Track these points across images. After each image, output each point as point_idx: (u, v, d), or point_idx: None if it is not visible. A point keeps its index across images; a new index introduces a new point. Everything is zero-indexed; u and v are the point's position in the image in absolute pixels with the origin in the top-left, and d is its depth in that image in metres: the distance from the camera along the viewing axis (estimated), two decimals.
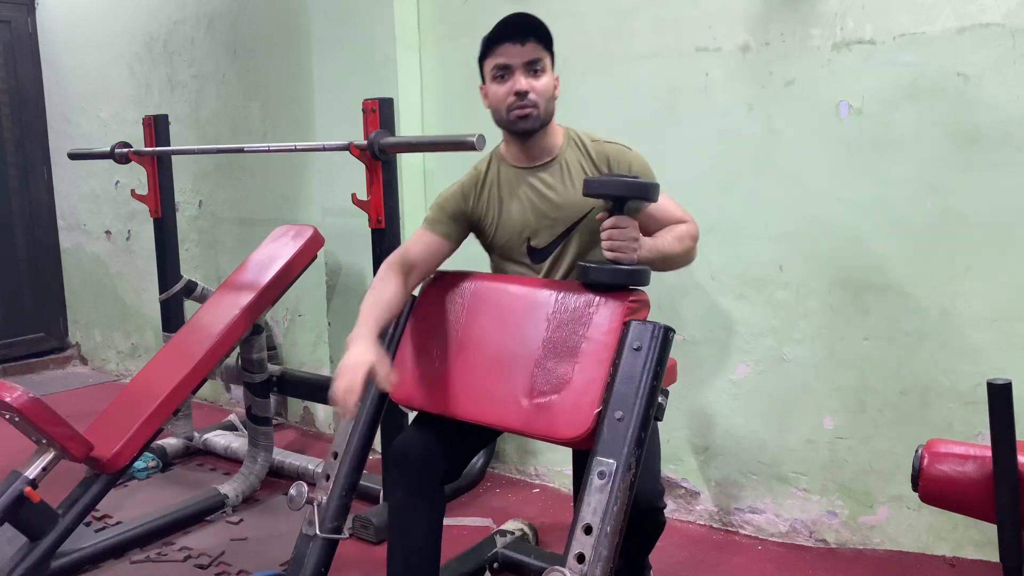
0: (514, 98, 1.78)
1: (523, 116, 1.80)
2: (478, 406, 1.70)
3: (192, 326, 2.76)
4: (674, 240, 1.80)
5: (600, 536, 1.41)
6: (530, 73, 1.79)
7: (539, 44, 1.79)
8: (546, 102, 1.81)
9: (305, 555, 1.76)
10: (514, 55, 1.77)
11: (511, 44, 1.77)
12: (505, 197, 1.89)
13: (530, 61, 1.78)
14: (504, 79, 1.79)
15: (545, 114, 1.82)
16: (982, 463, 1.34)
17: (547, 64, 1.83)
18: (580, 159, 1.86)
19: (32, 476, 2.20)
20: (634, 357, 1.54)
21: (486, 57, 1.82)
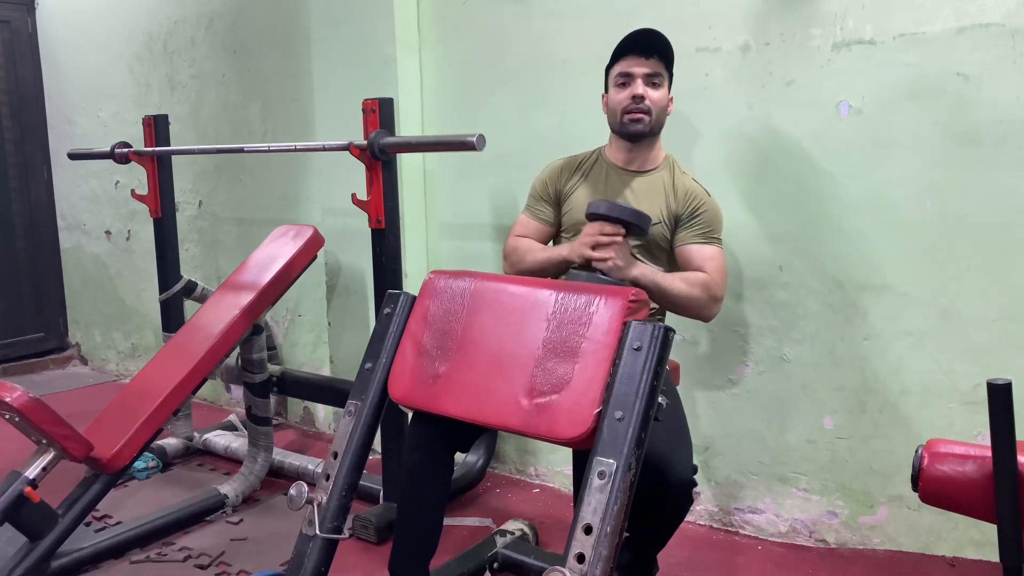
0: (630, 102, 1.98)
1: (635, 119, 2.00)
2: (478, 406, 1.70)
3: (192, 326, 2.76)
4: (679, 281, 1.92)
5: (600, 536, 1.41)
6: (649, 84, 1.99)
7: (661, 61, 2.00)
8: (658, 112, 2.01)
9: (305, 555, 1.76)
10: (638, 66, 1.99)
11: (637, 56, 1.99)
12: (591, 183, 2.10)
13: (651, 73, 1.99)
14: (625, 86, 2.00)
15: (655, 123, 2.02)
16: (982, 463, 1.34)
17: (665, 80, 2.02)
18: (666, 181, 2.06)
19: (32, 476, 2.20)
20: (634, 357, 1.53)
21: (612, 65, 2.04)
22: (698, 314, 1.96)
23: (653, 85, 2.00)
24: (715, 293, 1.94)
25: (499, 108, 2.88)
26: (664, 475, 1.70)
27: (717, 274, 1.96)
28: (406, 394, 1.82)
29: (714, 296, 1.94)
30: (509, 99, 2.88)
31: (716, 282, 1.95)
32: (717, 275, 1.96)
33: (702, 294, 1.92)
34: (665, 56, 2.00)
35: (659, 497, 1.73)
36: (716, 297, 1.95)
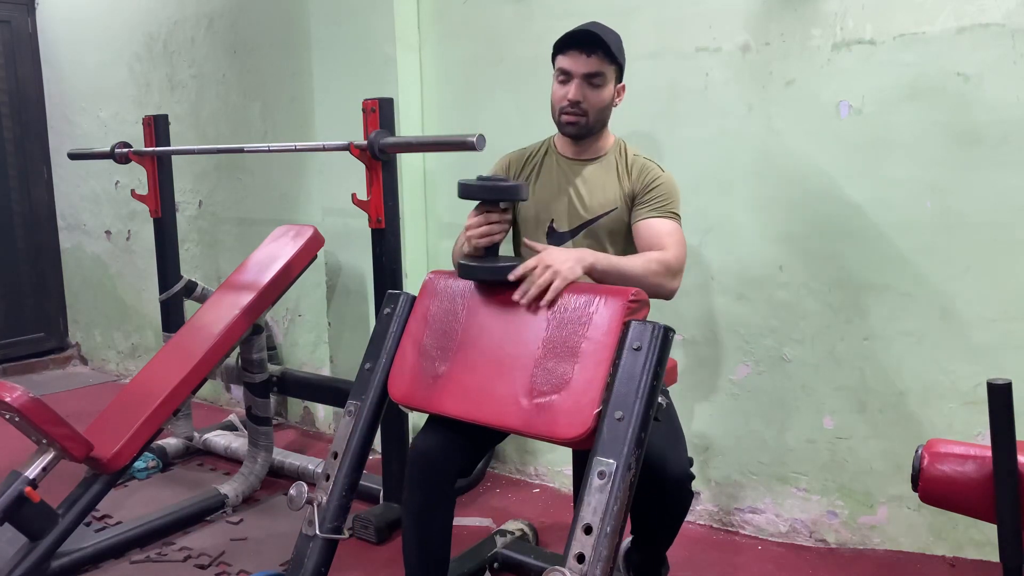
0: (567, 103, 1.92)
1: (571, 123, 1.94)
2: (478, 406, 1.70)
3: (192, 326, 2.76)
4: (637, 260, 1.83)
5: (600, 536, 1.41)
6: (588, 84, 1.91)
7: (604, 58, 1.91)
8: (597, 112, 1.94)
9: (305, 555, 1.76)
10: (578, 64, 1.91)
11: (578, 52, 1.90)
12: (543, 177, 2.04)
13: (591, 73, 1.91)
14: (564, 83, 1.93)
15: (594, 123, 1.96)
16: (982, 463, 1.34)
17: (608, 77, 1.94)
18: (618, 164, 1.99)
19: (32, 476, 2.20)
20: (634, 357, 1.53)
21: (556, 55, 1.96)
22: (658, 291, 1.85)
23: (593, 85, 1.92)
24: (674, 267, 1.86)
25: (499, 108, 2.88)
26: (661, 473, 1.70)
27: (675, 248, 1.88)
28: (406, 394, 1.82)
29: (673, 271, 1.85)
30: (509, 99, 2.87)
31: (675, 256, 1.86)
32: (675, 249, 1.88)
33: (660, 269, 1.83)
34: (609, 52, 1.91)
35: (658, 495, 1.74)
36: (675, 271, 1.86)
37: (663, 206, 1.93)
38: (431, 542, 1.81)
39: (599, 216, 1.97)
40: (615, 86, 1.97)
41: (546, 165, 2.06)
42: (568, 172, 2.02)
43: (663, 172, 1.97)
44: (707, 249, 2.52)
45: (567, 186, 2.01)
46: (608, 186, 1.98)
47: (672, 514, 1.83)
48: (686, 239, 1.93)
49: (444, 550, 1.84)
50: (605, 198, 1.97)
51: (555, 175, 2.03)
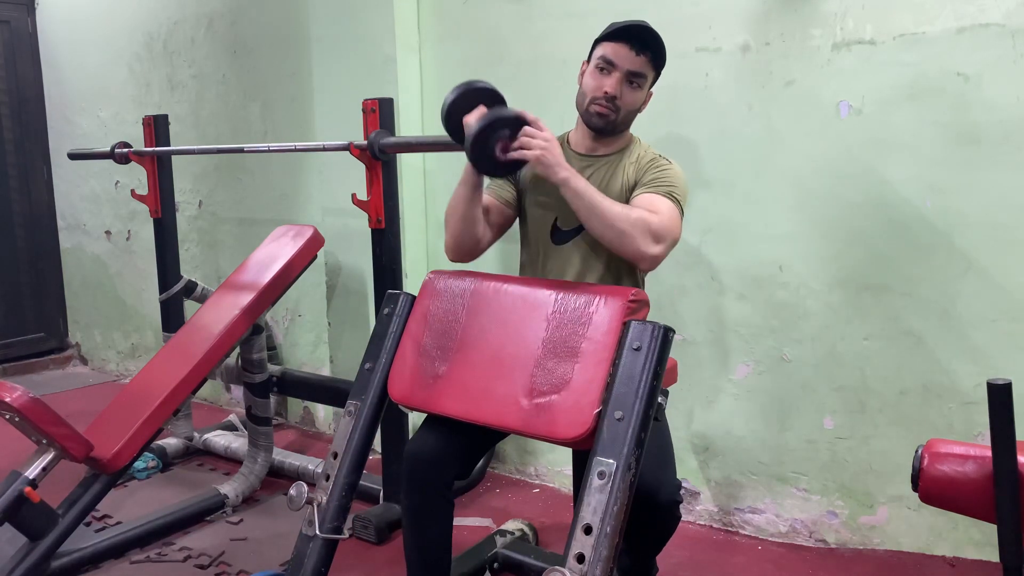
0: (602, 95, 1.85)
1: (601, 115, 1.87)
2: (477, 406, 1.70)
3: (192, 326, 2.76)
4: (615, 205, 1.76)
5: (600, 536, 1.41)
6: (628, 82, 1.85)
7: (651, 61, 1.86)
8: (627, 113, 1.89)
9: (305, 555, 1.76)
10: (624, 59, 1.84)
11: (628, 48, 1.83)
12: None
13: (635, 72, 1.85)
14: (605, 73, 1.85)
15: (621, 123, 1.90)
16: (982, 463, 1.34)
17: (648, 81, 1.89)
18: (629, 158, 1.94)
19: (32, 476, 2.20)
20: (634, 357, 1.53)
21: (602, 42, 1.88)
22: (631, 247, 1.73)
23: (632, 85, 1.85)
24: (655, 230, 1.74)
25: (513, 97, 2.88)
26: (653, 498, 1.68)
27: (664, 217, 1.76)
28: (406, 394, 1.82)
29: (653, 232, 1.73)
30: (509, 99, 2.86)
31: (661, 223, 1.75)
32: (664, 218, 1.76)
33: (639, 224, 1.73)
34: (657, 56, 1.87)
35: (647, 518, 1.71)
36: (655, 235, 1.73)
37: (662, 186, 1.83)
38: (429, 546, 1.80)
39: None
40: (648, 90, 1.92)
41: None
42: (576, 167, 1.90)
43: (671, 164, 1.90)
44: (707, 249, 2.52)
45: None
46: (613, 183, 1.91)
47: (659, 535, 1.83)
48: (688, 239, 1.91)
49: (444, 553, 1.83)
50: (611, 192, 1.88)
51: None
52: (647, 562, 1.98)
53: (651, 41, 1.85)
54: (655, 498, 1.69)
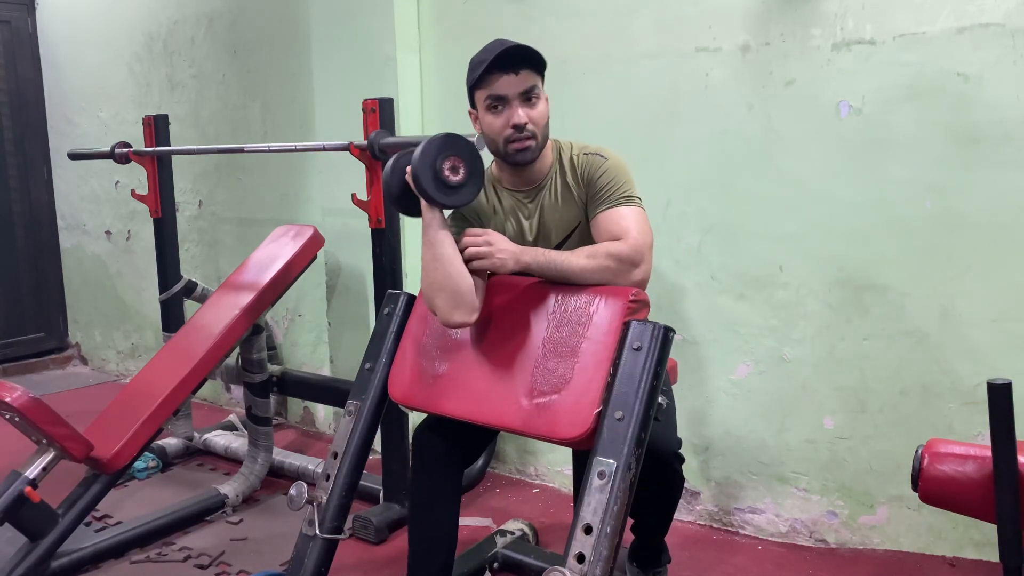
0: (512, 131, 1.75)
1: (522, 149, 1.77)
2: (478, 406, 1.70)
3: (192, 326, 2.76)
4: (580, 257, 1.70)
5: (600, 536, 1.41)
6: (526, 102, 1.76)
7: (533, 71, 1.75)
8: (543, 130, 1.79)
9: (305, 555, 1.77)
10: (509, 86, 1.74)
11: (505, 75, 1.73)
12: (507, 221, 1.89)
13: (526, 91, 1.74)
14: (500, 110, 1.76)
15: (543, 141, 1.81)
16: (982, 463, 1.34)
17: (542, 90, 1.79)
18: (566, 178, 1.85)
19: (32, 476, 2.20)
20: (634, 357, 1.54)
21: (479, 87, 1.78)
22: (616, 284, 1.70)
23: (530, 102, 1.75)
24: (631, 257, 1.68)
25: None
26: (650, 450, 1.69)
27: (630, 234, 1.70)
28: (406, 394, 1.82)
29: (631, 261, 1.68)
30: None
31: (631, 245, 1.69)
32: (631, 237, 1.70)
33: (611, 263, 1.68)
34: (533, 63, 1.75)
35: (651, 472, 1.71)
36: (633, 261, 1.68)
37: (612, 194, 1.77)
38: (435, 528, 1.81)
39: (563, 240, 1.86)
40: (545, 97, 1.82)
41: (504, 205, 1.90)
42: (520, 208, 1.88)
43: (606, 159, 1.80)
44: (707, 249, 2.52)
45: (524, 223, 1.87)
46: (564, 206, 1.84)
47: (663, 493, 1.84)
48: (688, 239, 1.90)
49: (448, 537, 1.83)
50: (564, 222, 1.84)
51: (511, 214, 1.89)
52: (657, 543, 1.99)
53: (523, 55, 1.74)
54: (655, 449, 1.69)
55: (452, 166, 1.72)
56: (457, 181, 1.73)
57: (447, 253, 1.74)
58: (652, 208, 2.56)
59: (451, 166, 1.72)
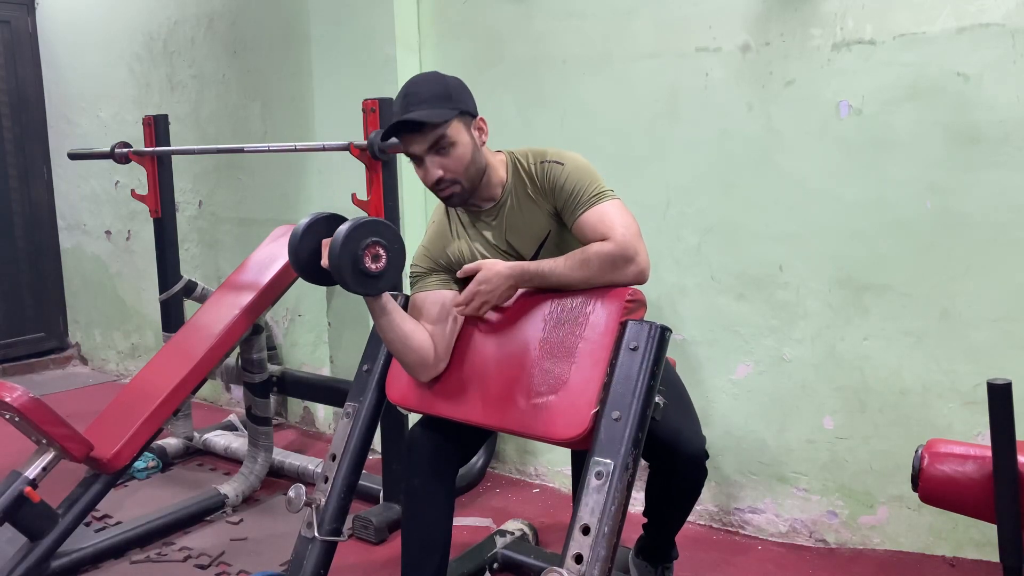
0: (432, 184, 1.76)
1: (451, 195, 1.78)
2: (475, 407, 1.70)
3: (192, 326, 2.76)
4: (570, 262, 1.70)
5: (598, 537, 1.41)
6: (438, 154, 1.74)
7: (437, 126, 1.71)
8: (466, 169, 1.76)
9: (304, 557, 1.77)
10: (415, 145, 1.73)
11: (410, 135, 1.73)
12: (474, 242, 1.87)
13: (432, 144, 1.73)
14: (418, 164, 1.77)
15: (471, 180, 1.78)
16: (982, 463, 1.34)
17: (457, 132, 1.74)
18: (527, 190, 1.83)
19: (32, 476, 2.20)
20: (631, 357, 1.54)
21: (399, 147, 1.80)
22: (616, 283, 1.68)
23: (443, 152, 1.73)
24: (621, 255, 1.66)
25: (499, 108, 2.88)
26: (675, 449, 1.71)
27: (614, 230, 1.68)
28: (404, 396, 1.83)
29: (622, 258, 1.66)
30: (509, 99, 2.87)
31: (618, 243, 1.67)
32: (616, 234, 1.68)
33: (602, 264, 1.67)
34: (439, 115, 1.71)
35: (672, 472, 1.75)
36: (625, 257, 1.66)
37: (582, 196, 1.74)
38: (429, 528, 1.81)
39: (537, 250, 1.84)
40: (470, 129, 1.77)
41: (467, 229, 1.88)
42: (487, 226, 1.86)
43: (563, 164, 1.78)
44: (707, 249, 2.52)
45: (491, 244, 1.86)
46: (529, 218, 1.82)
47: (685, 492, 1.83)
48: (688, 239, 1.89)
49: (442, 537, 1.83)
50: (533, 232, 1.82)
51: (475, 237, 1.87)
52: (668, 540, 1.99)
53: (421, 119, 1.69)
54: (678, 448, 1.70)
55: (374, 254, 1.67)
56: (378, 269, 1.67)
57: (398, 335, 1.77)
58: (652, 208, 2.58)
59: (373, 254, 1.66)
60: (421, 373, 1.80)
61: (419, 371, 1.80)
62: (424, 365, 1.78)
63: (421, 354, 1.77)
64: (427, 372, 1.79)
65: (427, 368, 1.79)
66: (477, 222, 1.87)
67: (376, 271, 1.67)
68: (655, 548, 2.02)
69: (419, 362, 1.78)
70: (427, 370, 1.79)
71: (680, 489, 1.83)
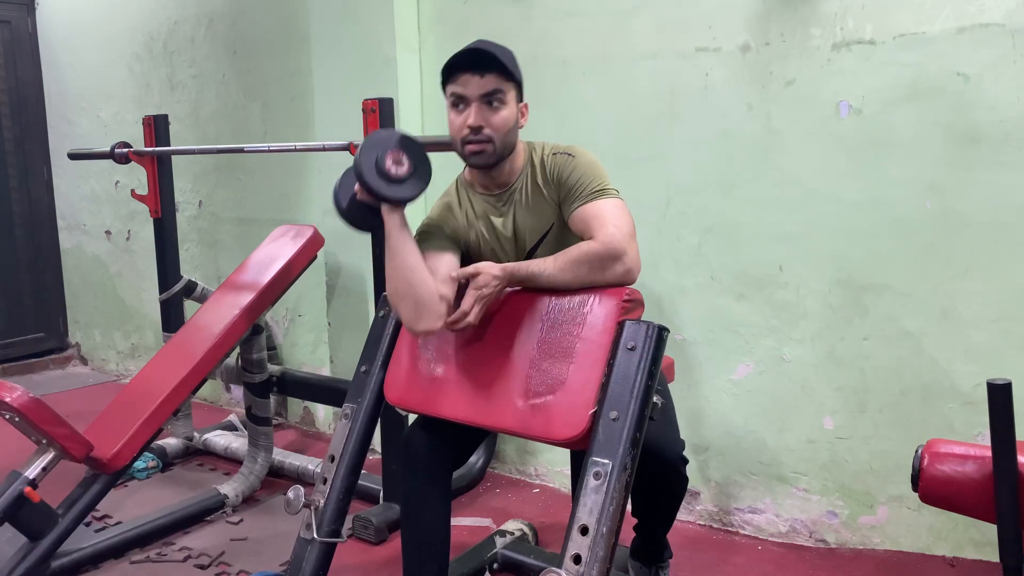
0: (468, 131, 1.74)
1: (476, 152, 1.76)
2: (474, 407, 1.70)
3: (192, 326, 2.76)
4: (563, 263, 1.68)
5: (596, 537, 1.41)
6: (487, 106, 1.72)
7: (501, 76, 1.72)
8: (503, 136, 1.75)
9: (303, 558, 1.77)
10: (471, 86, 1.71)
11: (469, 75, 1.71)
12: (482, 225, 1.88)
13: (488, 93, 1.71)
14: (460, 109, 1.74)
15: (502, 148, 1.77)
16: (982, 463, 1.34)
17: (509, 96, 1.75)
18: (537, 180, 1.83)
19: (32, 476, 2.20)
20: (628, 357, 1.53)
21: (446, 84, 1.77)
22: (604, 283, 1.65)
23: (492, 106, 1.72)
24: (606, 253, 1.64)
25: None
26: (658, 455, 1.73)
27: (607, 230, 1.66)
28: (402, 397, 1.82)
29: (609, 256, 1.64)
30: None
31: (604, 242, 1.64)
32: (605, 230, 1.66)
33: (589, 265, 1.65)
34: (504, 69, 1.72)
35: (654, 478, 1.76)
36: (611, 255, 1.64)
37: (583, 190, 1.74)
38: (426, 531, 1.81)
39: (535, 244, 1.84)
40: (517, 105, 1.78)
41: (476, 209, 1.88)
42: (491, 212, 1.86)
43: (574, 157, 1.78)
44: (707, 249, 2.52)
45: (497, 228, 1.86)
46: (536, 208, 1.82)
47: (668, 495, 1.86)
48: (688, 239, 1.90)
49: (441, 539, 1.83)
50: (538, 223, 1.82)
51: (484, 219, 1.87)
52: (659, 540, 2.01)
53: (491, 59, 1.71)
54: (660, 454, 1.73)
55: (396, 159, 1.72)
56: (401, 174, 1.72)
57: (408, 261, 1.72)
58: (652, 208, 2.57)
59: (394, 159, 1.72)
60: (420, 317, 1.69)
61: (418, 313, 1.69)
62: (424, 306, 1.69)
63: (424, 292, 1.69)
64: (424, 318, 1.69)
65: (427, 312, 1.69)
66: (487, 208, 1.87)
67: (397, 176, 1.71)
68: (647, 549, 2.03)
69: (420, 301, 1.69)
70: (426, 315, 1.69)
71: (661, 494, 1.85)
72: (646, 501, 1.88)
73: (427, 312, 1.70)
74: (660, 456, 1.74)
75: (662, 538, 2.01)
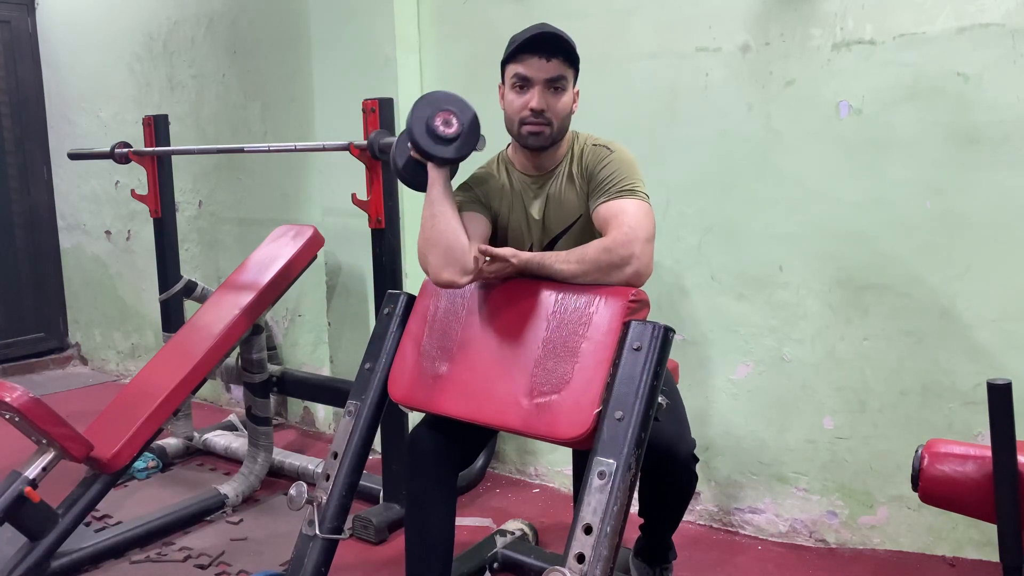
0: (529, 113, 1.77)
1: (535, 133, 1.79)
2: (478, 406, 1.70)
3: (192, 326, 2.76)
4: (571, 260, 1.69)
5: (600, 536, 1.41)
6: (550, 90, 1.77)
7: (565, 62, 1.77)
8: (561, 120, 1.80)
9: (305, 555, 1.77)
10: (537, 69, 1.75)
11: (537, 58, 1.75)
12: (515, 203, 1.91)
13: (553, 78, 1.76)
14: (523, 90, 1.78)
15: (558, 132, 1.81)
16: (982, 463, 1.34)
17: (570, 82, 1.81)
18: (572, 168, 1.86)
19: (32, 476, 2.20)
20: (634, 357, 1.54)
21: (510, 62, 1.80)
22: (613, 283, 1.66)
23: (555, 91, 1.77)
24: (620, 254, 1.64)
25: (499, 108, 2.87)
26: (670, 453, 1.74)
27: (622, 230, 1.67)
28: (406, 394, 1.82)
29: (621, 257, 1.64)
30: None
31: (621, 241, 1.66)
32: (622, 232, 1.67)
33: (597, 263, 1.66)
34: (569, 56, 1.77)
35: (665, 477, 1.77)
36: (621, 256, 1.64)
37: (612, 186, 1.76)
38: (432, 531, 1.81)
39: (561, 233, 1.87)
40: (573, 91, 1.83)
41: (515, 187, 1.90)
42: (529, 192, 1.89)
43: (611, 151, 1.81)
44: (707, 249, 2.52)
45: (531, 210, 1.88)
46: (566, 199, 1.85)
47: (677, 493, 1.86)
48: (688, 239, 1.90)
49: (445, 540, 1.83)
50: (566, 213, 1.85)
51: (521, 198, 1.90)
52: (665, 541, 2.01)
53: (559, 44, 1.76)
54: (674, 452, 1.74)
55: (445, 119, 1.77)
56: (451, 134, 1.78)
57: (445, 211, 1.76)
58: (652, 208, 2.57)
59: (444, 119, 1.77)
60: (447, 265, 1.71)
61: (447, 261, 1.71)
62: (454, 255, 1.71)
63: (456, 242, 1.72)
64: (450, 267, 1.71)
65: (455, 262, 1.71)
66: (523, 188, 1.90)
67: (445, 135, 1.76)
68: (652, 549, 2.03)
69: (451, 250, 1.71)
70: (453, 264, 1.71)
71: (671, 493, 1.86)
72: (655, 500, 1.89)
73: (455, 262, 1.72)
74: (672, 453, 1.74)
75: (668, 538, 2.01)
